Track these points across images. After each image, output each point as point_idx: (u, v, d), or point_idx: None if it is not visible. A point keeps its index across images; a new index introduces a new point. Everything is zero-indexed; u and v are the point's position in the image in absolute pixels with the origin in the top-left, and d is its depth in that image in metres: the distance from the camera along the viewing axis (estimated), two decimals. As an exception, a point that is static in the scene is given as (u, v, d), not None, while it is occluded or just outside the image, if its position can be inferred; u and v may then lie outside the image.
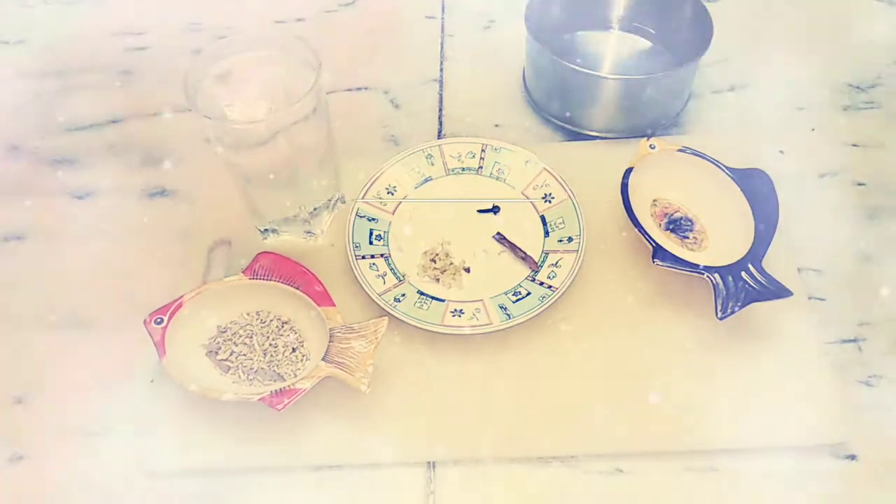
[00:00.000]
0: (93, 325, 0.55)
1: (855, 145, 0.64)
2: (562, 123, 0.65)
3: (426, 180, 0.60)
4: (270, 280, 0.51)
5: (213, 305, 0.51)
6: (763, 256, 0.51)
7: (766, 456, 0.47)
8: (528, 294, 0.52)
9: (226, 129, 0.49)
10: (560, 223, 0.56)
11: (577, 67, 0.59)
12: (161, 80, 0.71)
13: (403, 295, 0.53)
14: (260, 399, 0.45)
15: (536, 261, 0.55)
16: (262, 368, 0.50)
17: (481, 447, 0.48)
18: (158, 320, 0.49)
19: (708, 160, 0.56)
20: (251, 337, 0.51)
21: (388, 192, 0.59)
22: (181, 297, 0.50)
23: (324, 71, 0.48)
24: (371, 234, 0.56)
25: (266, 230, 0.57)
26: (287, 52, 0.50)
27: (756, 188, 0.54)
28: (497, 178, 0.60)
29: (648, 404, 0.49)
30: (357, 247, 0.55)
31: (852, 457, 0.47)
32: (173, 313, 0.49)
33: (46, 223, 0.61)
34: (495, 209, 0.58)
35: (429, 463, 0.48)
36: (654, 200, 0.57)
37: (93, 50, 0.73)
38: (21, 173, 0.64)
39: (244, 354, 0.50)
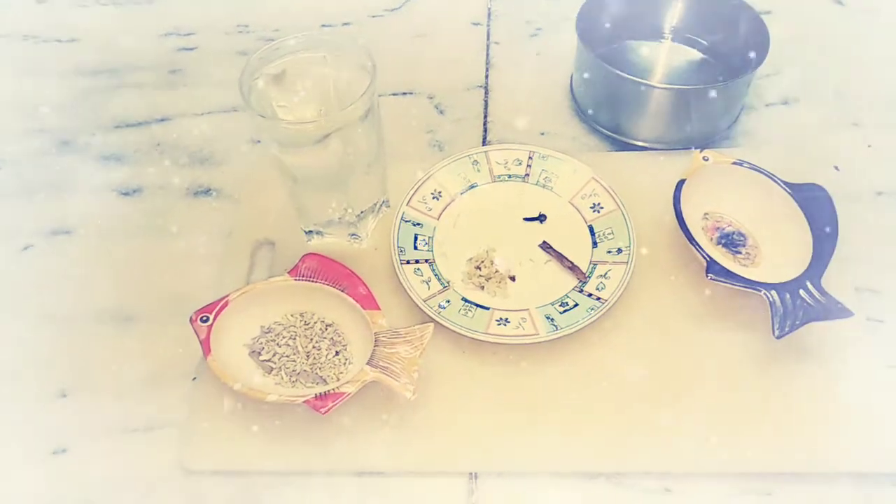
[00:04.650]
0: (136, 320, 0.55)
1: (914, 163, 0.62)
2: (610, 133, 0.64)
3: (472, 186, 0.59)
4: (316, 281, 0.51)
5: (258, 305, 0.51)
6: (822, 275, 0.49)
7: (823, 482, 0.45)
8: (576, 305, 0.51)
9: (278, 128, 0.48)
10: (609, 234, 0.55)
11: (630, 77, 0.58)
12: (209, 80, 0.71)
13: (448, 301, 0.52)
14: (304, 402, 0.45)
15: (584, 271, 0.54)
16: (305, 370, 0.49)
17: (525, 459, 0.47)
18: (204, 318, 0.49)
19: (764, 174, 0.54)
20: (294, 338, 0.50)
21: (433, 197, 0.58)
22: (227, 295, 0.50)
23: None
24: (416, 238, 0.56)
25: (310, 231, 0.56)
26: (341, 53, 0.50)
27: (814, 204, 0.53)
28: (544, 187, 0.59)
29: (699, 422, 0.47)
30: (402, 251, 0.54)
31: (915, 486, 0.45)
32: (219, 312, 0.49)
33: (94, 219, 0.61)
34: (542, 217, 0.57)
35: (471, 473, 0.47)
36: (706, 214, 0.56)
37: (143, 49, 0.74)
38: (70, 169, 0.65)
39: (287, 356, 0.50)
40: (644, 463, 0.46)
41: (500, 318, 0.51)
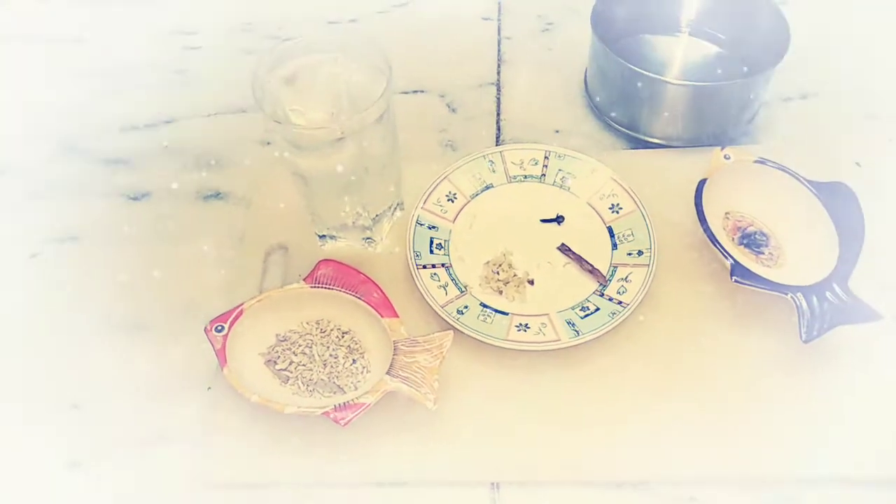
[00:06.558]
0: (148, 329, 0.54)
1: (937, 158, 0.61)
2: (625, 130, 0.62)
3: (487, 188, 0.58)
4: (332, 288, 0.50)
5: (273, 313, 0.50)
6: (849, 276, 0.48)
7: (852, 487, 0.45)
8: (598, 310, 0.50)
9: (292, 132, 0.47)
10: (629, 235, 0.54)
11: (646, 72, 0.57)
12: (215, 80, 0.70)
13: (466, 307, 0.51)
14: (323, 413, 0.44)
15: (604, 274, 0.52)
16: (322, 379, 0.48)
17: (547, 469, 0.46)
18: (219, 328, 0.48)
19: (788, 173, 0.53)
20: (311, 346, 0.49)
21: (448, 199, 0.57)
22: (241, 304, 0.49)
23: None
24: (431, 242, 0.55)
25: (324, 236, 0.55)
26: (354, 53, 0.49)
27: (840, 203, 0.52)
28: (561, 187, 0.58)
29: (726, 429, 0.46)
30: (418, 255, 0.53)
31: (946, 492, 0.44)
32: (234, 321, 0.48)
33: (101, 224, 0.60)
34: (559, 219, 0.56)
35: (492, 483, 0.46)
36: (727, 213, 0.54)
37: (147, 49, 0.73)
38: (76, 174, 0.63)
39: (303, 364, 0.49)
40: (669, 471, 0.45)
41: (520, 324, 0.50)
